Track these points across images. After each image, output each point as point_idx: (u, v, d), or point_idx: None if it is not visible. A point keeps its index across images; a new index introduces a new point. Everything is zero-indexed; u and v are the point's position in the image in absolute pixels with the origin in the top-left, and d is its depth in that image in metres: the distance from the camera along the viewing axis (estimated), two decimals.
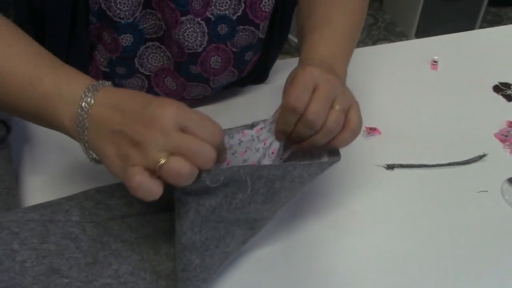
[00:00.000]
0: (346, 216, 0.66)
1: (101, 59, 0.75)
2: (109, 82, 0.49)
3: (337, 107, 0.52)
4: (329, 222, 0.65)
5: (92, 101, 0.46)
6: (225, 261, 0.55)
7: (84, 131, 0.46)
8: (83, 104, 0.46)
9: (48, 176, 0.69)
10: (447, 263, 0.61)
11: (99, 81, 0.48)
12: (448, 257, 0.61)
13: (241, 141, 0.53)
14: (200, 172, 0.45)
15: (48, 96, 0.47)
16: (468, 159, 0.74)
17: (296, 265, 0.60)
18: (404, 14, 2.64)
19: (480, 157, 0.74)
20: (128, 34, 0.70)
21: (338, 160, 0.56)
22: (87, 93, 0.46)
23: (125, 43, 0.71)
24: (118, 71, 0.76)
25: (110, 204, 0.60)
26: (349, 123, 0.53)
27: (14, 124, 0.71)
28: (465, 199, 0.69)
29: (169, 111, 0.43)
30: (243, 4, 0.72)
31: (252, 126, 0.57)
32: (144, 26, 0.71)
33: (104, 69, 0.76)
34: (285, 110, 0.53)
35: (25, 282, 0.53)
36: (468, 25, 2.58)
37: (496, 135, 0.79)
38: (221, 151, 0.47)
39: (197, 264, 0.51)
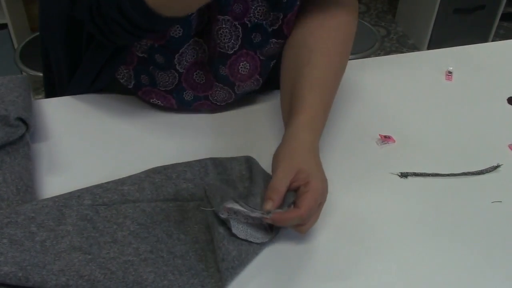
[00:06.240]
0: (359, 224, 0.66)
1: (138, 45, 0.74)
2: None
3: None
4: (342, 230, 0.65)
5: None
6: (255, 256, 0.61)
7: None
8: None
9: (65, 175, 0.70)
10: (460, 273, 0.61)
11: None
12: (461, 267, 0.61)
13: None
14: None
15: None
16: (482, 169, 0.74)
17: (310, 270, 0.60)
18: (417, 26, 2.65)
19: (494, 168, 0.74)
20: (178, 27, 0.71)
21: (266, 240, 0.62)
22: None
23: (173, 33, 0.71)
24: (157, 59, 0.75)
25: (123, 189, 0.64)
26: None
27: (33, 122, 0.72)
28: (479, 209, 0.69)
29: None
30: (280, 21, 0.73)
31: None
32: (193, 16, 0.71)
33: (142, 55, 0.75)
34: (294, 215, 0.59)
35: (47, 259, 0.55)
36: (480, 39, 2.58)
37: (510, 146, 0.79)
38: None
39: (235, 255, 0.56)
